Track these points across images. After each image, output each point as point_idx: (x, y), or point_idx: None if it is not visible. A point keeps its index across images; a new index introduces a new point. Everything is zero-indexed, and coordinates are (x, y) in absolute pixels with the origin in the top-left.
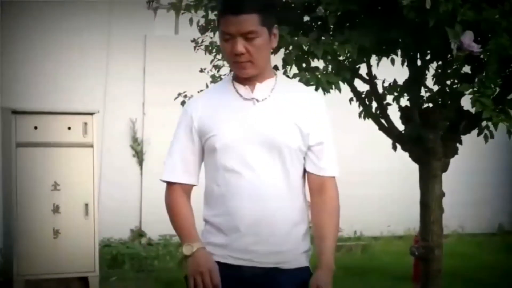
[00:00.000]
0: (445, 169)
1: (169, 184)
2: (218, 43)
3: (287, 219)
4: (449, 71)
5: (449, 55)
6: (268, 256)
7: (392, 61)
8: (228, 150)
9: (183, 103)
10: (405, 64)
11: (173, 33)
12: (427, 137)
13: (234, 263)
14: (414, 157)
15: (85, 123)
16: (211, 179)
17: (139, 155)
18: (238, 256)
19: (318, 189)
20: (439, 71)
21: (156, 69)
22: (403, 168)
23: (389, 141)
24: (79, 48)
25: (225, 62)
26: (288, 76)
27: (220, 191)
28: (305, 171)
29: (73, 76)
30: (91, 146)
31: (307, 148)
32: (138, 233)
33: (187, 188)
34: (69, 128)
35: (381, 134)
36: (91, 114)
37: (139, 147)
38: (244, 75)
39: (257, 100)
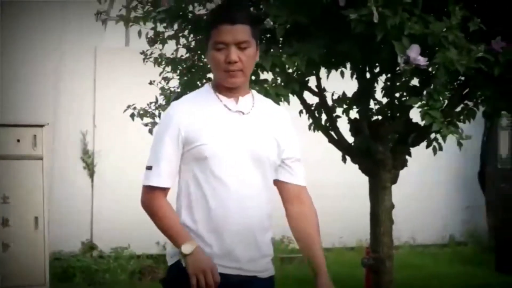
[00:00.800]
0: (394, 181)
1: (151, 189)
2: (168, 55)
3: (264, 226)
4: (397, 84)
5: (397, 68)
6: (251, 263)
7: (342, 74)
8: (217, 159)
9: (132, 115)
10: (354, 76)
11: (123, 45)
12: (376, 149)
13: (220, 271)
14: (364, 169)
15: (35, 135)
16: (196, 185)
17: (90, 168)
18: (224, 264)
19: (296, 197)
20: (388, 83)
21: (107, 81)
22: (355, 179)
23: (338, 153)
24: (29, 60)
25: (174, 75)
26: None
27: (205, 198)
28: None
29: (23, 88)
30: (41, 158)
31: (280, 161)
32: (89, 246)
33: (167, 192)
34: (18, 141)
35: (332, 146)
36: (41, 126)
37: (90, 159)
38: (233, 85)
39: (243, 113)
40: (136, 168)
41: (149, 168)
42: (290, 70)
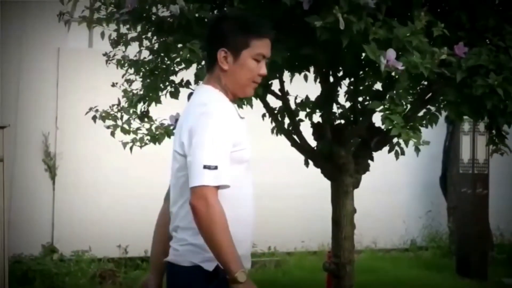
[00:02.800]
0: (356, 185)
1: (216, 190)
2: (131, 57)
3: None
4: (361, 88)
5: (361, 72)
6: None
7: (305, 77)
8: (250, 163)
9: (94, 118)
10: (318, 80)
11: (87, 46)
12: (339, 154)
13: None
14: (326, 174)
15: None
16: (236, 187)
17: (51, 170)
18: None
19: None
20: (351, 88)
21: (70, 83)
22: (317, 184)
23: (301, 157)
24: None
25: (137, 77)
26: None
27: (244, 199)
28: None
29: None
30: (1, 160)
31: None
32: (50, 249)
33: None
34: None
35: (294, 150)
36: (2, 127)
37: (51, 162)
38: (249, 95)
39: (243, 118)
40: (98, 171)
41: (214, 167)
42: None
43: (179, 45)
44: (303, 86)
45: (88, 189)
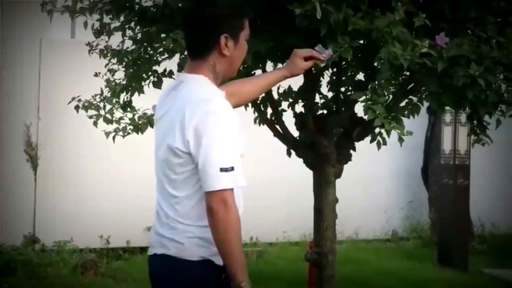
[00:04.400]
0: (338, 175)
1: (232, 192)
2: (114, 46)
3: None
4: (343, 78)
5: (343, 63)
6: None
7: None
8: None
9: (77, 107)
10: None
11: (69, 36)
12: (321, 143)
13: None
14: (308, 163)
15: None
16: None
17: (33, 160)
18: None
19: None
20: (334, 78)
21: (52, 73)
22: (299, 174)
23: (283, 147)
24: None
25: (120, 67)
26: None
27: (236, 192)
28: None
29: None
30: None
31: None
32: (32, 239)
33: None
34: None
35: (276, 140)
36: None
37: (33, 152)
38: None
39: None
40: (80, 162)
41: (230, 169)
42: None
43: (162, 35)
44: None
45: (70, 180)
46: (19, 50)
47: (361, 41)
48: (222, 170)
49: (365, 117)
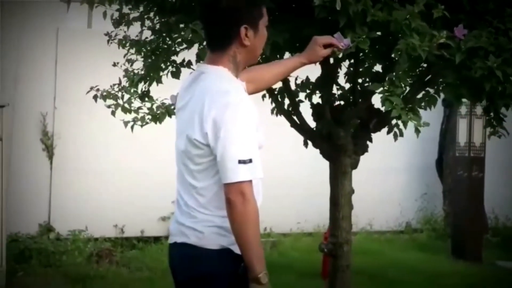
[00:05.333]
0: (355, 166)
1: (250, 184)
2: (133, 37)
3: None
4: (360, 69)
5: (361, 54)
6: None
7: None
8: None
9: (95, 97)
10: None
11: (85, 26)
12: (338, 134)
13: None
14: (325, 154)
15: None
16: None
17: (49, 149)
18: None
19: None
20: (351, 69)
21: (69, 63)
22: (313, 165)
23: (299, 137)
24: None
25: (138, 57)
26: None
27: (255, 183)
28: None
29: None
30: (0, 139)
31: None
32: (47, 228)
33: None
34: None
35: (290, 131)
36: (1, 107)
37: (49, 141)
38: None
39: None
40: (95, 151)
41: (248, 161)
42: None
43: (181, 25)
44: (303, 67)
45: (85, 169)
46: (36, 39)
47: (379, 33)
48: (240, 162)
49: (382, 109)
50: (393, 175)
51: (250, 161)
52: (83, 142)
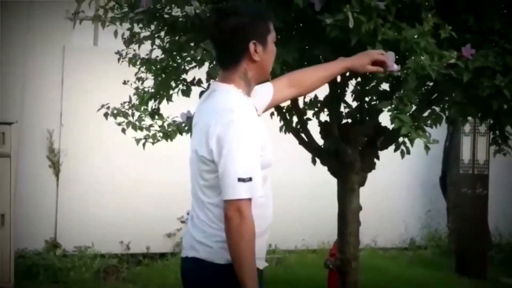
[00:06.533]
0: (362, 183)
1: (249, 202)
2: (142, 55)
3: None
4: (368, 88)
5: (367, 73)
6: None
7: None
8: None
9: (106, 114)
10: None
11: (92, 44)
12: (345, 152)
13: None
14: (333, 171)
15: (3, 133)
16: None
17: (55, 166)
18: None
19: None
20: (358, 88)
21: (75, 80)
22: (318, 181)
23: (306, 155)
24: None
25: (149, 75)
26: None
27: (261, 202)
28: None
29: None
30: (9, 156)
31: None
32: (53, 244)
33: None
34: None
35: (296, 148)
36: (9, 124)
37: (55, 158)
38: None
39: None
40: (101, 168)
41: (248, 179)
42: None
43: (191, 44)
44: None
45: (91, 186)
46: (43, 57)
47: None
48: (239, 180)
49: (389, 126)
50: (397, 192)
51: (250, 179)
52: (89, 159)
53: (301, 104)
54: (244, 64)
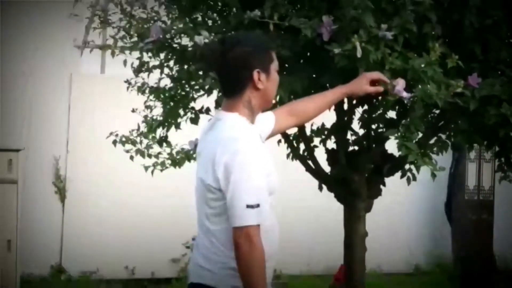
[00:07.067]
0: (368, 209)
1: (258, 228)
2: (151, 84)
3: None
4: (374, 115)
5: (374, 101)
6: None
7: None
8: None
9: (114, 142)
10: (333, 108)
11: (99, 71)
12: (352, 179)
13: None
14: (339, 198)
15: (10, 160)
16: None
17: (61, 192)
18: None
19: None
20: (365, 115)
21: (81, 107)
22: (323, 207)
23: (311, 180)
24: (2, 84)
25: (156, 103)
26: None
27: (272, 228)
28: None
29: None
30: (15, 182)
31: None
32: (58, 270)
33: None
34: None
35: (300, 174)
36: (17, 151)
37: (61, 184)
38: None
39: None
40: (107, 194)
41: (256, 206)
42: (273, 102)
43: (201, 73)
44: None
45: (97, 212)
46: (50, 84)
47: None
48: (248, 206)
49: (395, 153)
50: (402, 217)
51: (258, 206)
52: (94, 185)
53: (308, 132)
54: (248, 92)
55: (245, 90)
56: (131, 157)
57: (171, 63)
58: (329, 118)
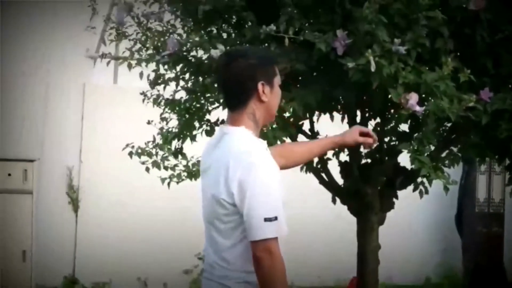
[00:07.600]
0: (381, 222)
1: (277, 241)
2: (166, 96)
3: None
4: (387, 128)
5: (387, 114)
6: None
7: (331, 117)
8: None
9: (130, 153)
10: (346, 121)
11: (111, 82)
12: (365, 192)
13: None
14: (353, 211)
15: (25, 170)
16: None
17: (74, 203)
18: None
19: None
20: (378, 128)
21: (94, 117)
22: (333, 219)
23: (323, 192)
24: (17, 95)
25: (172, 115)
26: None
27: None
28: None
29: (11, 122)
30: (31, 192)
31: None
32: (72, 281)
33: None
34: (9, 175)
35: (311, 187)
36: (32, 161)
37: (74, 195)
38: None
39: None
40: (120, 205)
41: (274, 218)
42: (287, 114)
43: (216, 86)
44: (331, 126)
45: (110, 222)
46: (63, 94)
47: None
48: (266, 220)
49: (409, 167)
50: (412, 230)
51: (276, 218)
52: (107, 195)
53: None
54: (253, 104)
55: (249, 102)
56: (147, 169)
57: (187, 75)
58: (341, 130)
